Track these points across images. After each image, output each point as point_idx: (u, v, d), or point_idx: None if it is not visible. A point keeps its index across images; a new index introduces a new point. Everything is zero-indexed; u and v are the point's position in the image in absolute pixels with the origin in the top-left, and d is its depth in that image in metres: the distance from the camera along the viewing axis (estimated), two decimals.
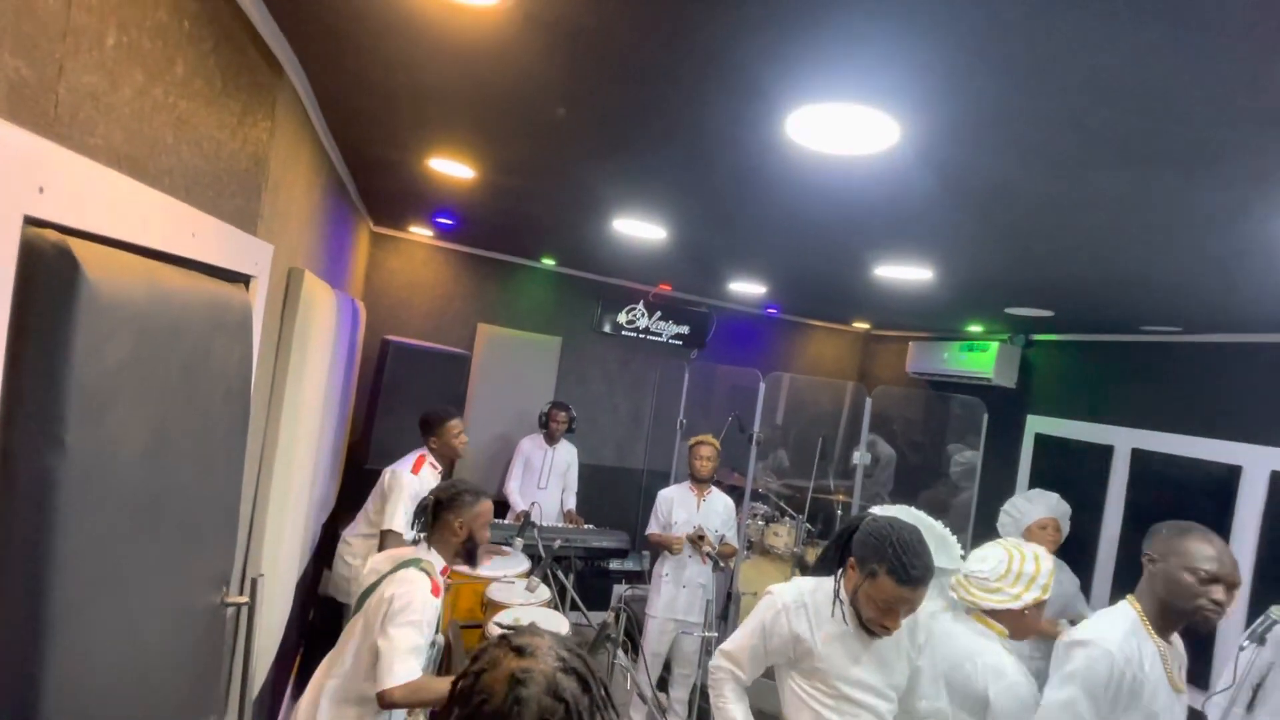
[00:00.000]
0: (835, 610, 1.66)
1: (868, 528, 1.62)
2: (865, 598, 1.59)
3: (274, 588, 2.03)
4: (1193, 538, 1.67)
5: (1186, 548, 1.66)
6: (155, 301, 0.94)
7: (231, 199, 1.34)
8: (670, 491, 3.66)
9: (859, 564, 1.61)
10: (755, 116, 1.39)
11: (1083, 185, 1.49)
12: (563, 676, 0.97)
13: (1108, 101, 1.10)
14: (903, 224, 2.04)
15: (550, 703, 0.93)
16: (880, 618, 1.57)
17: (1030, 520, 3.14)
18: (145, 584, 0.99)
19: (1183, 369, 3.57)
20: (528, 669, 0.96)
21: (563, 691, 0.94)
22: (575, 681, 0.97)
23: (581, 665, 1.00)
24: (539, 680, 0.95)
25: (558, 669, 0.97)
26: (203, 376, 1.15)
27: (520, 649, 0.99)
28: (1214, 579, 1.61)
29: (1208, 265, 2.05)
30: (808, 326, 5.97)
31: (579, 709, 0.95)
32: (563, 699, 0.94)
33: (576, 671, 0.99)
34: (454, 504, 1.96)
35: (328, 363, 2.45)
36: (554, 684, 0.95)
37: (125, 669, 0.95)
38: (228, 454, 1.35)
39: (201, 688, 1.36)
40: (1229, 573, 1.62)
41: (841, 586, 1.68)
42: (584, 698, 0.97)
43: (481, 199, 2.88)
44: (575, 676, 0.98)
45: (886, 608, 1.55)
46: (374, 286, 4.61)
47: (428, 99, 1.70)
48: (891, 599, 1.53)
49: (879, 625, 1.58)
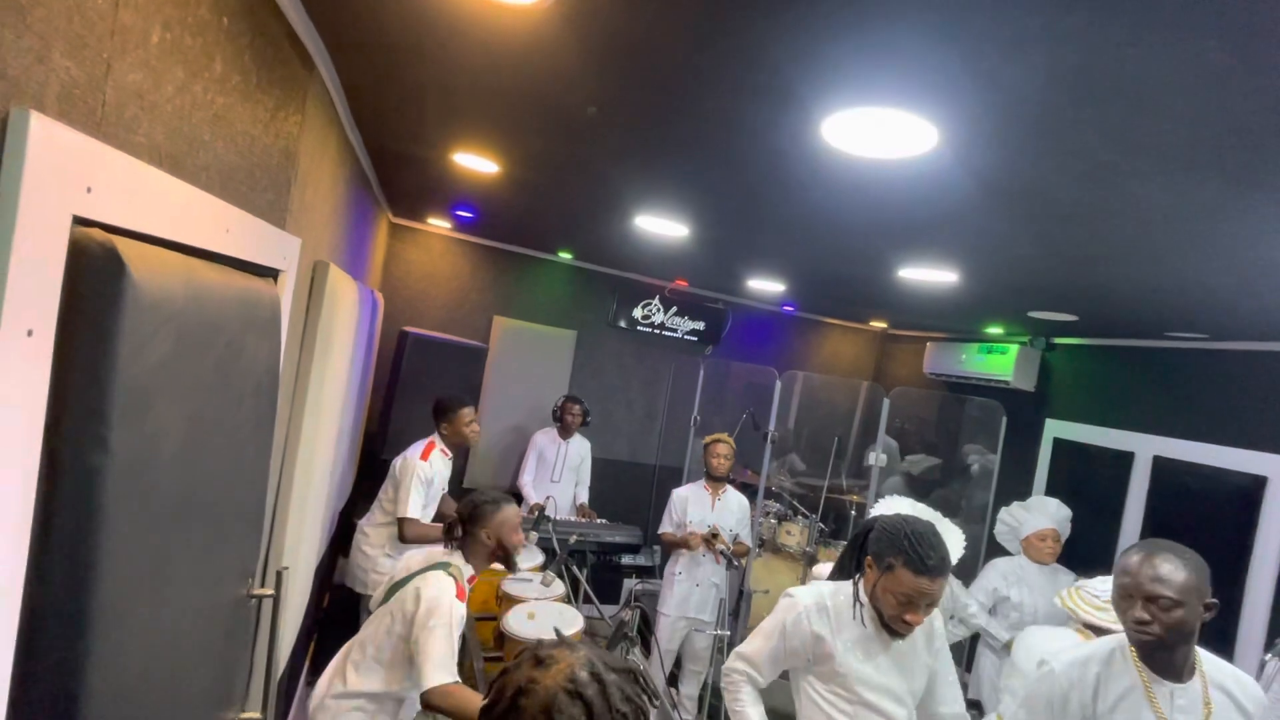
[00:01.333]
0: (856, 612, 1.66)
1: (882, 524, 1.64)
2: (884, 593, 1.59)
3: (295, 578, 2.05)
4: (1127, 555, 1.53)
5: (1119, 567, 1.53)
6: (193, 299, 0.94)
7: (263, 193, 1.34)
8: (685, 490, 3.65)
9: (876, 560, 1.62)
10: (790, 120, 1.37)
11: (1121, 194, 1.46)
12: (565, 698, 0.91)
13: (1152, 110, 1.08)
14: (935, 227, 2.01)
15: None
16: (901, 612, 1.56)
17: (1029, 531, 3.13)
18: (179, 578, 1.00)
19: (1208, 376, 3.51)
20: (535, 681, 0.93)
21: (557, 714, 0.90)
22: (579, 707, 0.91)
23: (595, 692, 0.93)
24: (539, 696, 0.91)
25: (564, 689, 0.92)
26: (235, 372, 1.16)
27: (540, 659, 0.97)
28: (1127, 595, 1.48)
29: (1244, 275, 2.01)
30: (824, 325, 5.93)
31: None
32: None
33: (584, 698, 0.92)
34: (476, 517, 1.99)
35: (349, 355, 2.46)
36: (552, 703, 0.90)
37: (159, 662, 0.96)
38: (256, 448, 1.36)
39: (228, 678, 1.37)
40: (1138, 584, 1.45)
41: (861, 589, 1.67)
42: None
43: (503, 193, 2.88)
44: (581, 702, 0.92)
45: (906, 600, 1.55)
46: (392, 277, 4.62)
47: (457, 94, 1.70)
48: (910, 591, 1.53)
49: (900, 621, 1.57)
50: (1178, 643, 1.46)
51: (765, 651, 1.76)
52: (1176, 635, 1.44)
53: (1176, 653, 1.49)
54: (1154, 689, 1.51)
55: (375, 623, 1.88)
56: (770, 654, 1.75)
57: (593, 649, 1.01)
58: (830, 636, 1.66)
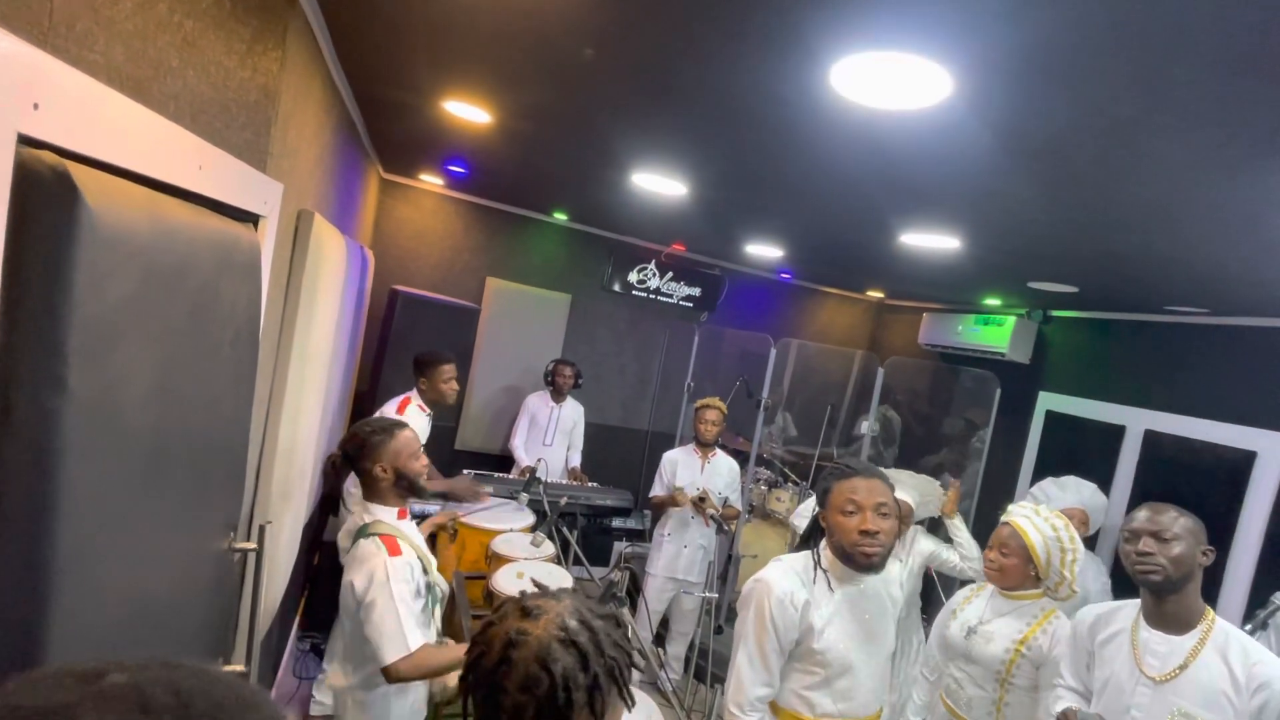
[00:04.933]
0: (817, 577, 1.63)
1: (817, 486, 1.73)
2: (836, 525, 1.58)
3: (281, 534, 2.02)
4: (1134, 513, 1.71)
5: (1125, 523, 1.71)
6: (161, 236, 0.89)
7: (240, 131, 1.27)
8: (675, 454, 3.65)
9: (821, 507, 1.66)
10: (797, 64, 1.30)
11: (1141, 153, 1.40)
12: (558, 647, 0.87)
13: (1183, 57, 1.02)
14: (943, 187, 1.95)
15: (536, 671, 0.85)
16: (854, 528, 1.54)
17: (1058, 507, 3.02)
18: (152, 528, 0.97)
19: (1204, 351, 3.49)
20: (525, 632, 0.88)
21: (553, 663, 0.86)
22: (573, 655, 0.87)
23: (587, 639, 0.90)
24: (531, 646, 0.87)
25: (556, 638, 0.88)
26: (210, 318, 1.11)
27: (527, 610, 0.92)
28: (1134, 536, 1.65)
29: (1258, 247, 1.96)
30: (820, 293, 5.88)
31: (569, 684, 0.85)
32: (550, 670, 0.85)
33: (577, 645, 0.88)
34: (365, 451, 1.78)
35: (337, 310, 2.40)
36: (546, 653, 0.86)
37: (133, 613, 0.93)
38: (236, 398, 1.31)
39: (210, 631, 1.35)
40: (1143, 524, 1.64)
41: (823, 554, 1.66)
42: (580, 674, 0.87)
43: (496, 146, 2.78)
44: (575, 650, 0.88)
45: (851, 511, 1.56)
46: (383, 234, 4.53)
47: (447, 34, 1.61)
48: (847, 498, 1.57)
49: (861, 541, 1.54)
50: (1180, 584, 1.60)
51: (759, 652, 1.61)
52: (1178, 573, 1.58)
53: (1170, 603, 1.62)
54: (1139, 634, 1.67)
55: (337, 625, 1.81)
56: (769, 650, 1.61)
57: (576, 597, 0.97)
58: (808, 597, 1.61)
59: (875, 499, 1.56)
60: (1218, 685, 1.52)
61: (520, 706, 0.84)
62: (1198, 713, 1.52)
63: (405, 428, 1.86)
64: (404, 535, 1.78)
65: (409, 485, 1.83)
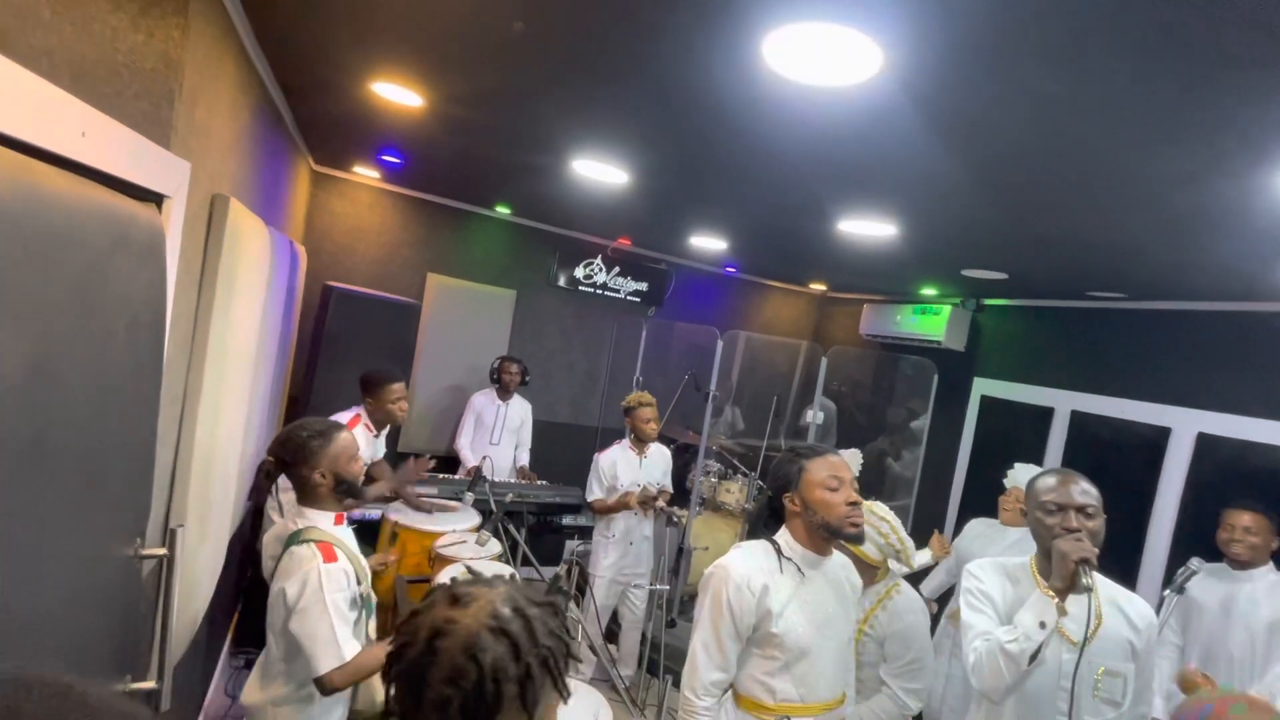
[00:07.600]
0: (781, 565, 1.63)
1: (771, 471, 1.73)
2: (817, 501, 1.59)
3: (202, 542, 1.89)
4: (1043, 478, 1.66)
5: (1034, 490, 1.65)
6: (30, 203, 0.80)
7: (135, 101, 1.17)
8: (612, 454, 3.59)
9: (786, 487, 1.65)
10: (731, 35, 1.29)
11: (1064, 131, 1.45)
12: (488, 636, 0.82)
13: (1100, 37, 1.05)
14: (877, 167, 1.98)
15: (463, 662, 0.79)
16: (841, 501, 1.57)
17: (1009, 487, 3.00)
18: (35, 530, 0.87)
19: (1122, 335, 3.69)
20: (453, 620, 0.82)
21: (481, 653, 0.80)
22: (504, 644, 0.82)
23: (520, 628, 0.84)
24: (459, 635, 0.81)
25: (486, 626, 0.82)
26: (100, 300, 1.01)
27: (457, 597, 0.86)
28: (1058, 509, 1.58)
29: (1165, 229, 2.07)
30: (765, 287, 5.95)
31: (498, 675, 0.80)
32: (478, 661, 0.79)
33: (509, 634, 0.83)
34: (303, 456, 1.69)
35: (260, 304, 2.27)
36: (474, 642, 0.81)
37: (15, 623, 0.83)
38: (138, 390, 1.21)
39: (117, 645, 1.24)
40: (1069, 497, 1.57)
41: (787, 539, 1.66)
42: (511, 665, 0.81)
43: (431, 133, 2.69)
44: (506, 639, 0.82)
45: (835, 486, 1.58)
46: (316, 230, 4.33)
47: (367, 6, 1.53)
48: (834, 472, 1.60)
49: (849, 513, 1.57)
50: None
51: (716, 639, 1.60)
52: (1096, 543, 1.55)
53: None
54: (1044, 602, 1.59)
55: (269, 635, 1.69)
56: (725, 635, 1.60)
57: (512, 584, 0.91)
58: (767, 582, 1.60)
59: (851, 474, 1.64)
60: (1124, 634, 1.58)
61: (445, 700, 0.78)
62: (1119, 666, 1.57)
63: (342, 429, 1.79)
64: (340, 542, 1.70)
65: (348, 489, 1.75)
